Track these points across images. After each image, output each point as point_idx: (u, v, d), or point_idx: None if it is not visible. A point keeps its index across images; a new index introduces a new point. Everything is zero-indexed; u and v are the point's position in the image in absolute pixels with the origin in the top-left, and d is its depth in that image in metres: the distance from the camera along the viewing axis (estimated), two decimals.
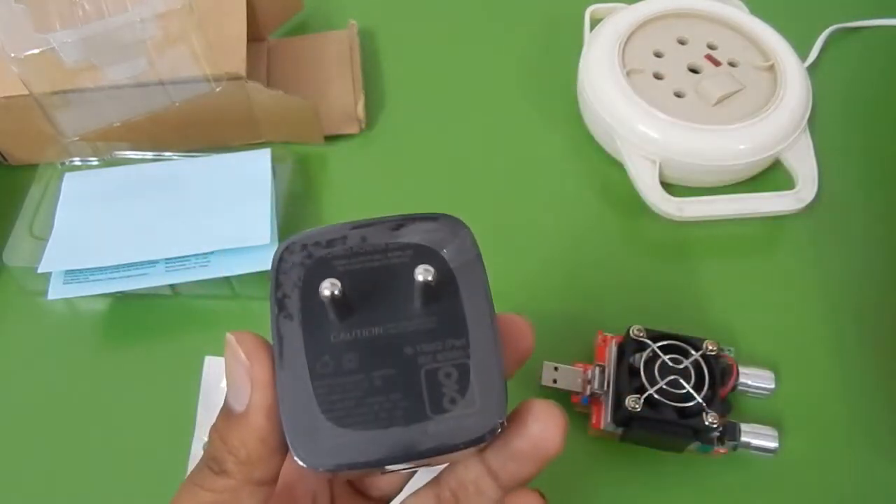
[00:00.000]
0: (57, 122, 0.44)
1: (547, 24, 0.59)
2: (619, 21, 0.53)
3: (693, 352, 0.37)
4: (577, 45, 0.55)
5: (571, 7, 0.58)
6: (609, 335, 0.41)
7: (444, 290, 0.23)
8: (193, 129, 0.47)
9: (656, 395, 0.36)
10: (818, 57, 0.57)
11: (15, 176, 0.48)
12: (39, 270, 0.41)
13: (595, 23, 0.56)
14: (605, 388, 0.38)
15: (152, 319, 0.43)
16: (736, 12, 0.55)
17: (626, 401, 0.36)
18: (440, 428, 0.22)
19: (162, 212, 0.43)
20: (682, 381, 0.37)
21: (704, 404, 0.36)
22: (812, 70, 0.55)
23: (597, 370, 0.39)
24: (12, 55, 0.40)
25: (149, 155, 0.47)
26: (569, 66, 0.54)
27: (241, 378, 0.22)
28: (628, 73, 0.50)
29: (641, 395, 0.36)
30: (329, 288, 0.22)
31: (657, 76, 0.51)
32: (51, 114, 0.44)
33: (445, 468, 0.26)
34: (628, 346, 0.38)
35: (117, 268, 0.42)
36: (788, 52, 0.52)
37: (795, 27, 0.55)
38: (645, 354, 0.37)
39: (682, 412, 0.36)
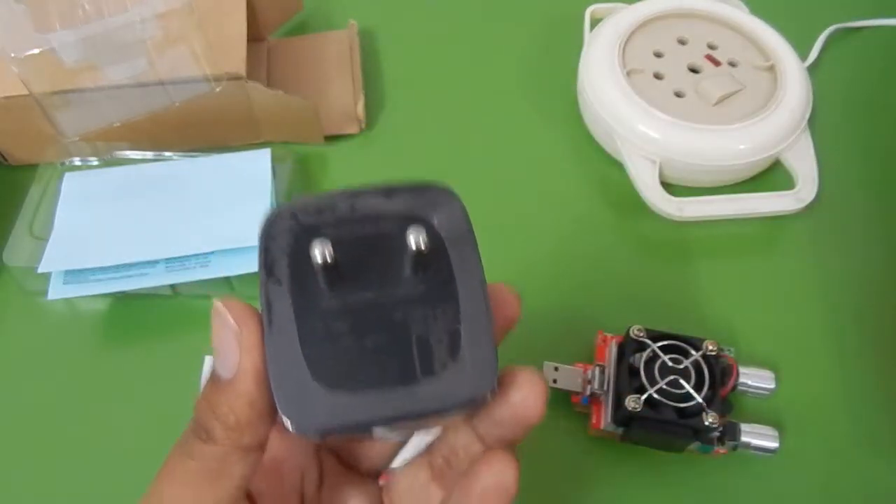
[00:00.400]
0: (57, 122, 0.44)
1: (547, 24, 0.59)
2: (620, 21, 0.53)
3: (693, 352, 0.37)
4: (577, 45, 0.55)
5: (571, 7, 0.58)
6: (609, 335, 0.41)
7: (434, 257, 0.23)
8: (193, 129, 0.47)
9: (656, 395, 0.36)
10: (818, 57, 0.57)
11: (15, 176, 0.48)
12: (39, 270, 0.41)
13: (595, 22, 0.56)
14: (606, 388, 0.38)
15: (152, 319, 0.43)
16: (736, 12, 0.55)
17: (627, 401, 0.36)
18: (431, 390, 0.22)
19: (162, 212, 0.43)
20: (682, 381, 0.37)
21: (704, 404, 0.36)
22: (812, 70, 0.55)
23: (597, 370, 0.39)
24: (12, 55, 0.39)
25: (149, 155, 0.47)
26: (569, 66, 0.54)
27: (229, 344, 0.22)
28: (628, 73, 0.50)
29: (641, 395, 0.36)
30: (320, 252, 0.21)
31: (657, 76, 0.51)
32: (51, 114, 0.44)
33: (437, 438, 0.27)
34: (628, 346, 0.38)
35: (117, 268, 0.42)
36: (788, 52, 0.52)
37: (795, 27, 0.55)
38: (645, 354, 0.37)
39: (682, 412, 0.36)
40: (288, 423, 0.21)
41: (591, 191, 0.50)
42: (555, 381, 0.39)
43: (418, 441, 0.28)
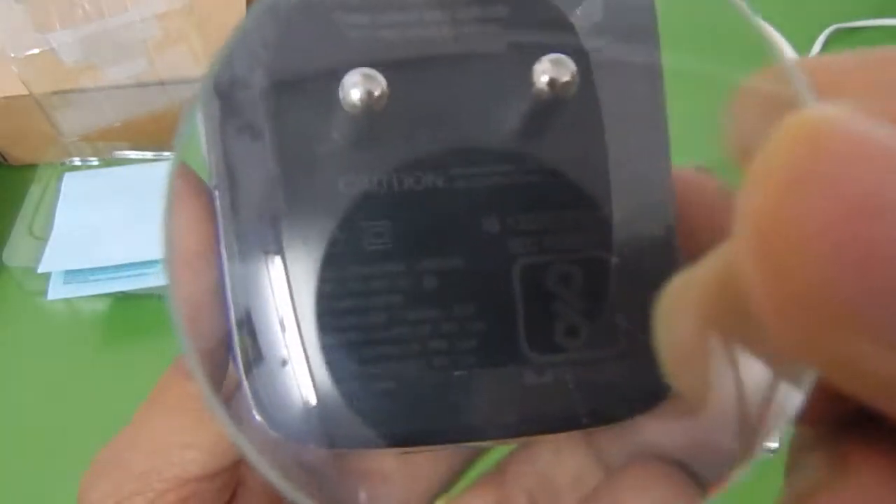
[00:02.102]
0: (57, 121, 0.44)
1: None
2: None
3: None
4: None
5: None
6: None
7: (572, 105, 0.13)
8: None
9: None
10: None
11: (15, 176, 0.48)
12: (39, 270, 0.41)
13: None
14: None
15: (152, 319, 0.43)
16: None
17: None
18: (544, 383, 0.13)
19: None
20: None
21: None
22: None
23: None
24: (12, 55, 0.39)
25: (149, 155, 0.47)
26: None
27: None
28: None
29: None
30: (363, 87, 0.12)
31: None
32: (51, 114, 0.44)
33: (514, 451, 0.15)
34: None
35: (117, 268, 0.42)
36: (788, 52, 0.52)
37: (795, 27, 0.55)
38: None
39: None
40: (266, 419, 0.13)
41: None
42: None
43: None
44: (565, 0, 0.13)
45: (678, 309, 0.11)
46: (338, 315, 0.13)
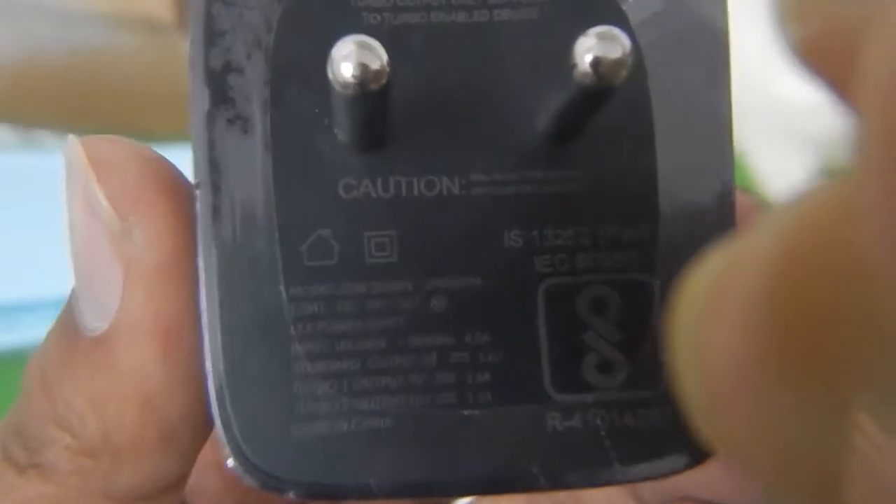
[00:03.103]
0: None
1: None
2: None
3: None
4: None
5: None
6: None
7: (619, 97, 0.11)
8: (89, 104, 0.33)
9: None
10: None
11: None
12: None
13: None
14: None
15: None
16: None
17: None
18: (571, 429, 0.12)
19: (33, 226, 0.31)
20: None
21: None
22: None
23: None
24: None
25: (9, 135, 0.33)
26: None
27: (100, 253, 0.12)
28: None
29: None
30: (356, 59, 0.10)
31: None
32: None
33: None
34: None
35: None
36: None
37: None
38: None
39: None
40: (244, 468, 0.12)
41: None
42: None
43: None
44: None
45: (716, 314, 0.08)
46: (329, 339, 0.12)
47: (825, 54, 0.07)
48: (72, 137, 0.12)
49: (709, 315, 0.08)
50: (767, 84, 0.34)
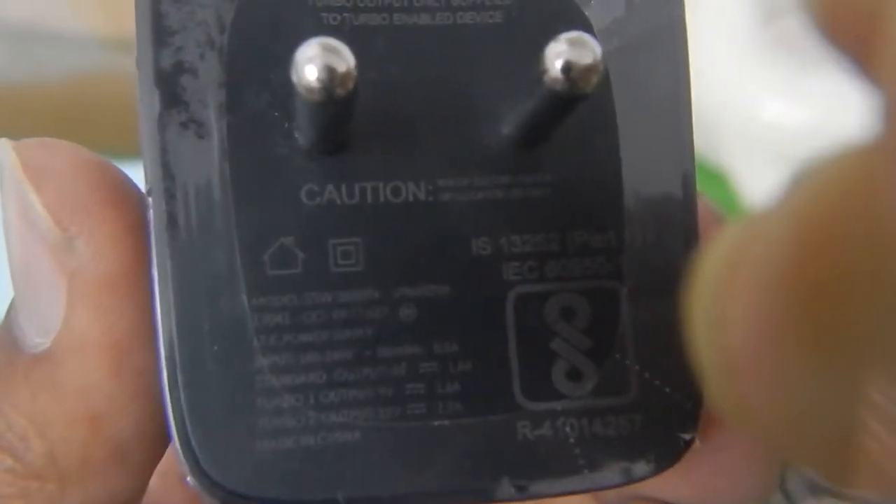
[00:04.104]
0: None
1: None
2: None
3: None
4: None
5: None
6: None
7: (587, 105, 0.11)
8: (90, 125, 0.33)
9: None
10: None
11: None
12: None
13: None
14: None
15: None
16: None
17: None
18: (540, 437, 0.12)
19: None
20: None
21: None
22: None
23: None
24: None
25: None
26: None
27: (40, 265, 0.11)
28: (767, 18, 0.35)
29: None
30: (322, 62, 0.10)
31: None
32: None
33: None
34: None
35: None
36: None
37: None
38: None
39: None
40: (204, 486, 0.11)
41: None
42: None
43: None
44: None
45: (736, 284, 0.08)
46: (294, 351, 0.11)
47: (845, 25, 0.07)
48: (3, 141, 0.11)
49: (728, 286, 0.08)
50: (749, 108, 0.34)
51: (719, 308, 0.08)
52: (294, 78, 0.10)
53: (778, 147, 0.34)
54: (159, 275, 0.11)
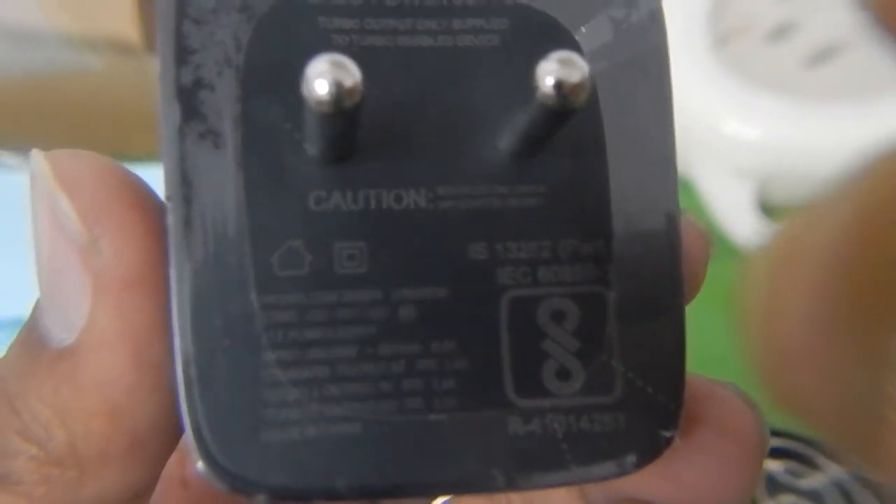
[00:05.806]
0: None
1: None
2: None
3: (827, 465, 0.25)
4: None
5: None
6: None
7: (577, 119, 0.12)
8: (56, 123, 0.33)
9: None
10: None
11: None
12: None
13: None
14: None
15: None
16: None
17: None
18: (530, 432, 0.12)
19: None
20: None
21: None
22: None
23: None
24: None
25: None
26: None
27: (67, 266, 0.12)
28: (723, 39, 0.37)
29: None
30: (331, 76, 0.11)
31: (776, 35, 0.36)
32: None
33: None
34: None
35: None
36: None
37: None
38: None
39: None
40: (213, 472, 0.12)
41: None
42: None
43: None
44: (570, 18, 0.13)
45: (790, 275, 0.08)
46: (299, 347, 0.12)
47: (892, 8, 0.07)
48: (35, 151, 0.12)
49: (782, 277, 0.08)
50: (713, 123, 0.36)
51: (775, 298, 0.08)
52: (305, 92, 0.11)
53: (736, 159, 0.36)
54: (176, 274, 0.12)
